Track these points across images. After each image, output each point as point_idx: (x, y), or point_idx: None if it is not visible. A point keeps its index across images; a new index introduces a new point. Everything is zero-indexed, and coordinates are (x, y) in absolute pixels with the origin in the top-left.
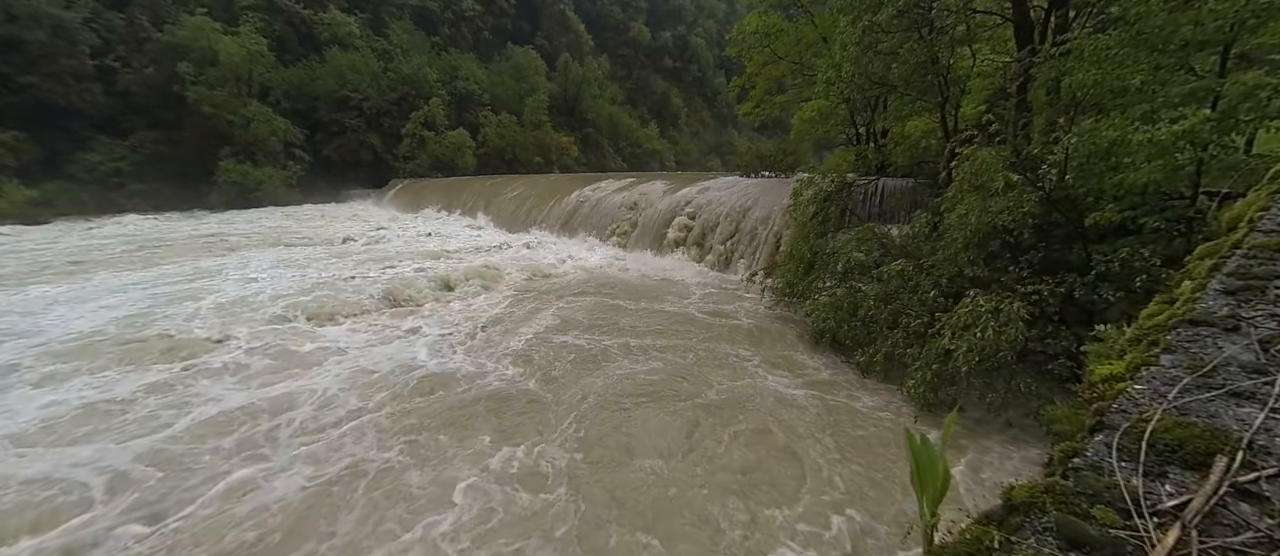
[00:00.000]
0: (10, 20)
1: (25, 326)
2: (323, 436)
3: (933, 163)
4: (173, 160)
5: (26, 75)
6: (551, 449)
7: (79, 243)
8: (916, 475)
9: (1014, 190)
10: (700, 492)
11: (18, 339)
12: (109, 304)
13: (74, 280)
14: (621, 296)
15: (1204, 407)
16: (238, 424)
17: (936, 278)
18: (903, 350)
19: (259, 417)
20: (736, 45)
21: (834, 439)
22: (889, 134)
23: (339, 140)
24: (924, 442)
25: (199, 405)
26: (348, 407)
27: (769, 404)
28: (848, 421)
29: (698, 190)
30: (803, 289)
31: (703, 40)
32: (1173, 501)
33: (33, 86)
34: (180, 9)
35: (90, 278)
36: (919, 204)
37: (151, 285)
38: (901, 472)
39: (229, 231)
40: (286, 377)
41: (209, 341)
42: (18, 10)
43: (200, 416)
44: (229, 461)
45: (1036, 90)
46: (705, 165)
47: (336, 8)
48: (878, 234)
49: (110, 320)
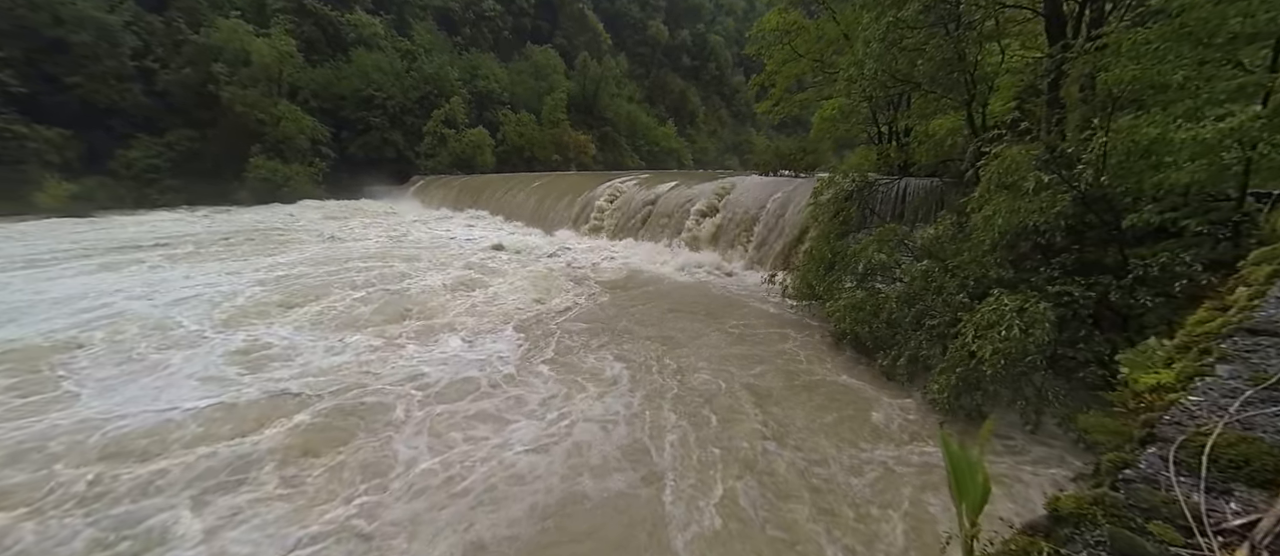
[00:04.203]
0: (57, 23)
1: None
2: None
3: (958, 162)
4: (206, 157)
5: (72, 76)
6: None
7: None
8: (953, 482)
9: (1046, 190)
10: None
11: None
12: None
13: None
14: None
15: (1271, 422)
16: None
17: (962, 279)
18: (926, 353)
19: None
20: (756, 43)
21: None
22: (912, 132)
23: (363, 138)
24: (962, 448)
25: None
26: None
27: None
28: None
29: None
30: (822, 289)
31: (721, 38)
32: (1239, 520)
33: (78, 86)
34: (215, 12)
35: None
36: (943, 204)
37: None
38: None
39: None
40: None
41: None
42: (64, 14)
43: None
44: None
45: (1069, 87)
46: (722, 163)
47: (362, 9)
48: (900, 234)
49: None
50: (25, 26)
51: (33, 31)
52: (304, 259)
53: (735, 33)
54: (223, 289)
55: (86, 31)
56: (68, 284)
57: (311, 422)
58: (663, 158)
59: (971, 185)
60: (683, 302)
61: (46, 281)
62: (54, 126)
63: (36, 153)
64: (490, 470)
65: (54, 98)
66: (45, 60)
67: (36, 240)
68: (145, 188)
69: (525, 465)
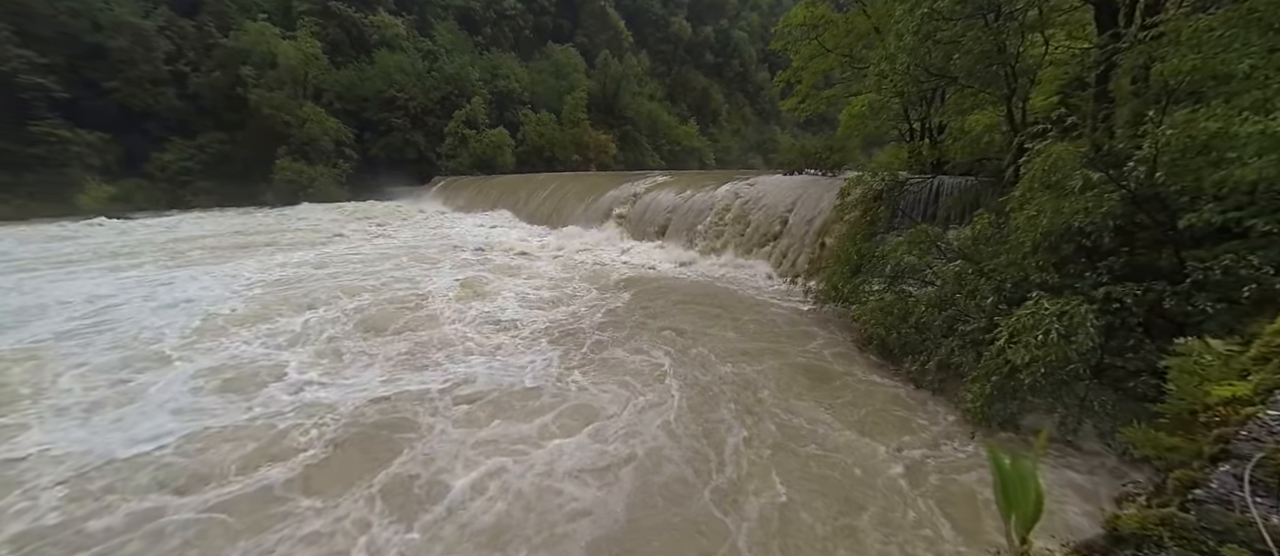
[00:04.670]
0: (96, 29)
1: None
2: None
3: (996, 160)
4: (235, 159)
5: (110, 80)
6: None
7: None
8: (1002, 496)
9: (1093, 188)
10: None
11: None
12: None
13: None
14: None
15: None
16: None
17: (998, 283)
18: (958, 359)
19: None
20: (782, 38)
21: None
22: (946, 129)
23: (385, 139)
24: (1015, 460)
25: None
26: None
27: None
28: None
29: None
30: (848, 292)
31: (746, 34)
32: None
33: (115, 91)
34: (244, 15)
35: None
36: (978, 205)
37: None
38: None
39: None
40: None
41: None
42: (103, 20)
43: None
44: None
45: (1120, 79)
46: (746, 162)
47: (385, 10)
48: (932, 236)
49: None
50: (67, 33)
51: (74, 38)
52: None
53: (760, 28)
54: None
55: (123, 37)
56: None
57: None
58: (684, 157)
59: (1011, 184)
60: (705, 303)
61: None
62: (94, 130)
63: (78, 156)
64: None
65: (93, 102)
66: (85, 66)
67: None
68: (179, 189)
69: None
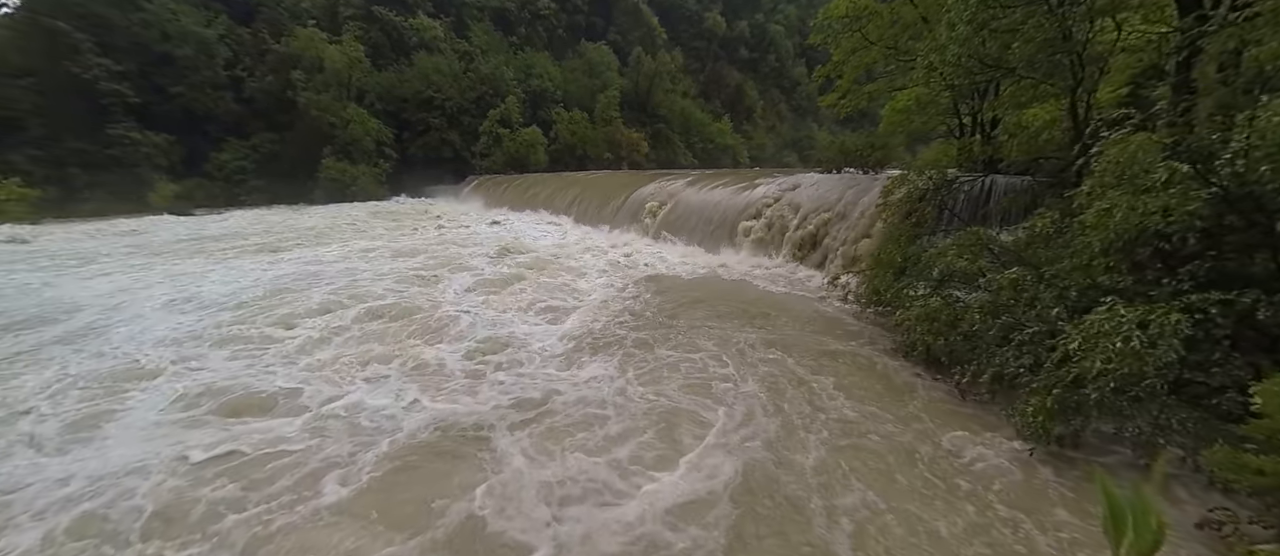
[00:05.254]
0: (165, 38)
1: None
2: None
3: (1057, 156)
4: (284, 159)
5: (176, 86)
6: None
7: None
8: (1111, 526)
9: (1178, 184)
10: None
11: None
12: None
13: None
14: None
15: None
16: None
17: (1061, 289)
18: (1014, 370)
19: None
20: (822, 31)
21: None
22: (1000, 124)
23: (423, 139)
24: (1137, 488)
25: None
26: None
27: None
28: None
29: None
30: (891, 296)
31: (782, 27)
32: None
33: (181, 96)
34: (295, 21)
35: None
36: (1036, 205)
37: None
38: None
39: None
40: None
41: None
42: (171, 29)
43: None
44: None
45: (1206, 65)
46: (781, 160)
47: (424, 13)
48: (984, 238)
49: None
50: (140, 42)
51: (145, 47)
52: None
53: (797, 22)
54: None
55: (189, 45)
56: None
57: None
58: (717, 155)
59: (1077, 181)
60: (742, 307)
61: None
62: (161, 132)
63: (148, 156)
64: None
65: (161, 107)
66: (155, 73)
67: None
68: (234, 188)
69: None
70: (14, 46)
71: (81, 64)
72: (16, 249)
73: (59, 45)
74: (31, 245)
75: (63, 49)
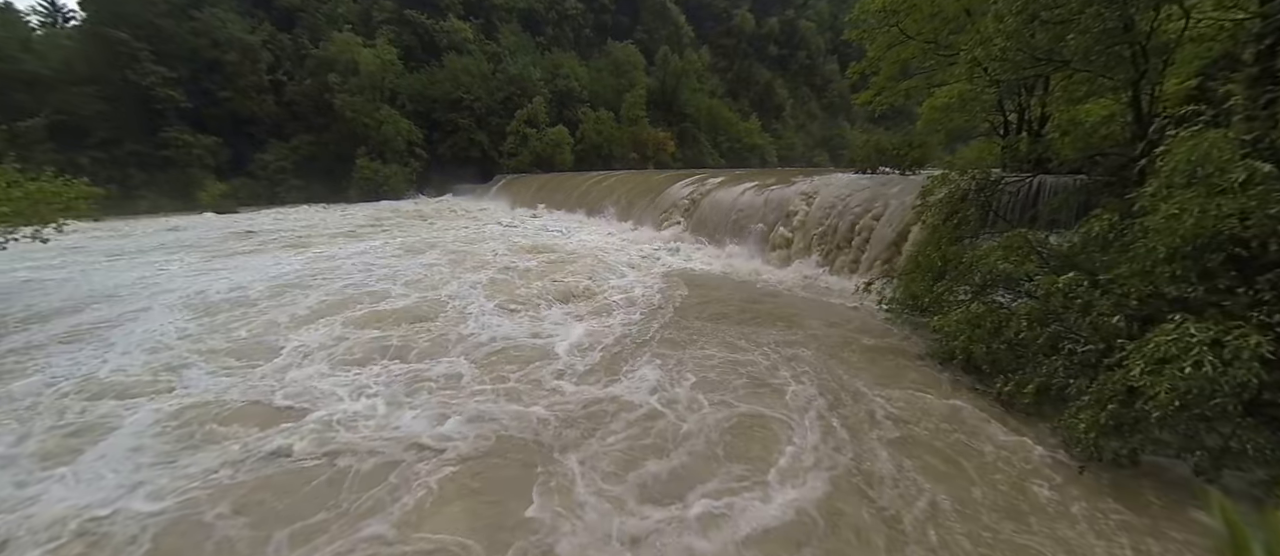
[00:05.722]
0: (215, 46)
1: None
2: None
3: (1115, 154)
4: (321, 159)
5: (224, 90)
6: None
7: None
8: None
9: (1258, 186)
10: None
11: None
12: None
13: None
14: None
15: None
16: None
17: (1119, 296)
18: (1064, 382)
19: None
20: (857, 26)
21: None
22: (1050, 120)
23: (452, 139)
24: (1267, 516)
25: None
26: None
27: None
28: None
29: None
30: (929, 301)
31: (814, 24)
32: None
33: (228, 100)
34: (332, 26)
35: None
36: (1090, 206)
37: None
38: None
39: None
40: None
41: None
42: (220, 36)
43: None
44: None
45: None
46: (811, 160)
47: (454, 16)
48: (1032, 241)
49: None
50: (192, 50)
51: (196, 54)
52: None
53: (830, 17)
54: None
55: (235, 51)
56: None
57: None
58: (745, 154)
59: (1140, 180)
60: (771, 310)
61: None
62: (210, 135)
63: (199, 158)
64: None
65: (210, 110)
66: (205, 78)
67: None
68: (275, 187)
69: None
70: (81, 56)
71: (139, 71)
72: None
73: (120, 54)
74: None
75: (123, 58)
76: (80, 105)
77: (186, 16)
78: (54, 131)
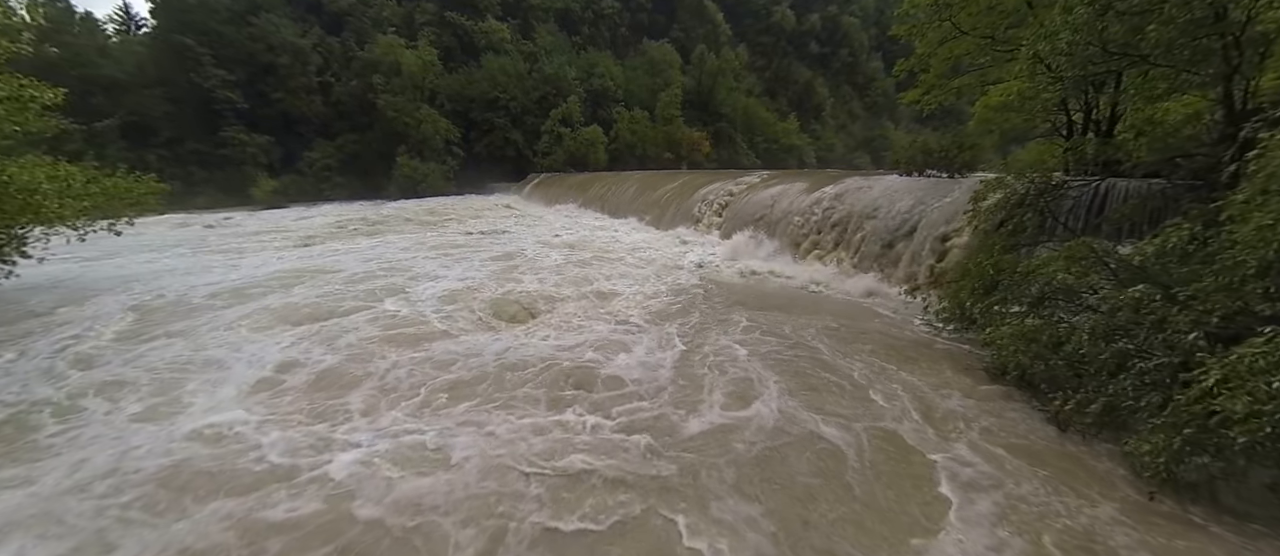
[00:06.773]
0: (269, 49)
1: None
2: None
3: (1198, 157)
4: (364, 157)
5: (276, 92)
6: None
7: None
8: None
9: None
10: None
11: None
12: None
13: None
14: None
15: None
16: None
17: (1200, 312)
18: (1133, 403)
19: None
20: (905, 22)
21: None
22: (1122, 120)
23: (488, 138)
24: None
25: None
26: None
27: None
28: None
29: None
30: (979, 313)
31: (857, 20)
32: None
33: (280, 100)
34: (377, 29)
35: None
36: (1165, 214)
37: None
38: None
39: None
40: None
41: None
42: (274, 41)
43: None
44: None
45: None
46: (852, 162)
47: (493, 17)
48: (1098, 251)
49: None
50: (249, 54)
51: (252, 58)
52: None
53: (875, 12)
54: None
55: (288, 54)
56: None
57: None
58: (782, 155)
59: (1228, 186)
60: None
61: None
62: (263, 134)
63: (252, 156)
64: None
65: (263, 110)
66: (259, 80)
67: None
68: (321, 184)
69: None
70: (151, 60)
71: (202, 75)
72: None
73: (185, 59)
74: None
75: (188, 62)
76: (150, 107)
77: (245, 22)
78: (125, 131)
